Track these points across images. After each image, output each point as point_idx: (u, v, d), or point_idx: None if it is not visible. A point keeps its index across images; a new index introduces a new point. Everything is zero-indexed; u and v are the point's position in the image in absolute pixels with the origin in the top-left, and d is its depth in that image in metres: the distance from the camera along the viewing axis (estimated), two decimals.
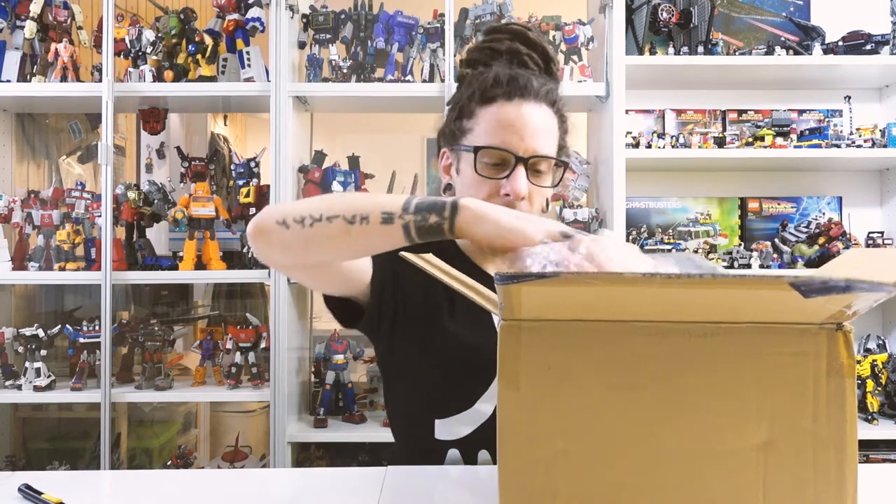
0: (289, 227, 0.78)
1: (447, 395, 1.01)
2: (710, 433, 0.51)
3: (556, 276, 0.46)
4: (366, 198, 0.78)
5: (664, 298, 0.48)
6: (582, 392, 0.52)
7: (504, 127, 0.97)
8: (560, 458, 0.51)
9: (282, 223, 0.79)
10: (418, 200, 0.74)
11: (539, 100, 1.00)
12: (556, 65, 1.09)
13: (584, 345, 0.52)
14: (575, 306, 0.51)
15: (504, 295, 0.49)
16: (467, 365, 1.00)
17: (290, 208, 0.80)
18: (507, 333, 0.52)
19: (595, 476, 0.51)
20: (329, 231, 0.77)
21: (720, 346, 0.51)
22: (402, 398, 1.09)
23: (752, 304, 0.49)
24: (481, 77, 1.02)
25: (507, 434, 0.52)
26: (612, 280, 0.48)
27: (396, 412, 1.11)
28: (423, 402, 1.04)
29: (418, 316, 1.02)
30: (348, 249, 0.81)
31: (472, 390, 0.99)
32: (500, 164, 0.98)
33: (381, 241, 0.76)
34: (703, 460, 0.51)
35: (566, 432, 0.51)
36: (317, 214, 0.77)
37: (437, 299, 1.02)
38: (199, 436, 2.73)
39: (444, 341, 1.01)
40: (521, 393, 0.52)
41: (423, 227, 0.72)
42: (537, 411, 0.51)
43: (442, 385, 1.02)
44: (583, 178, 2.07)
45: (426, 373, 1.03)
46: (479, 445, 1.00)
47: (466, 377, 1.00)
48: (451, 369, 1.01)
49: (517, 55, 1.05)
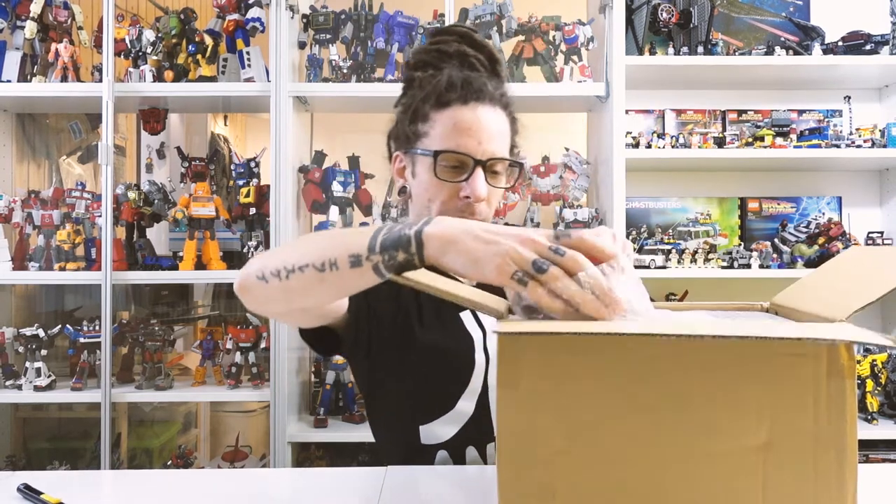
0: (267, 281, 0.77)
1: (428, 402, 1.03)
2: (710, 434, 0.51)
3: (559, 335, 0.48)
4: (333, 240, 0.73)
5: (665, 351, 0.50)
6: (581, 392, 0.52)
7: (461, 131, 0.99)
8: (559, 458, 0.51)
9: (261, 278, 0.78)
10: (384, 236, 0.67)
11: (493, 103, 1.02)
12: (500, 66, 1.11)
13: (583, 345, 0.52)
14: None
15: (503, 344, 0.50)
16: (443, 369, 1.02)
17: (268, 261, 0.78)
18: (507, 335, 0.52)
19: (594, 476, 0.51)
20: (304, 281, 0.74)
21: (720, 347, 0.51)
22: (385, 411, 1.11)
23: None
24: (434, 80, 1.03)
25: (507, 434, 0.52)
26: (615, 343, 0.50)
27: (380, 426, 1.14)
28: (405, 412, 1.06)
29: (392, 333, 1.04)
30: (328, 295, 0.77)
31: (451, 393, 1.02)
32: (458, 167, 1.00)
33: (356, 283, 0.72)
34: (702, 461, 0.51)
35: (565, 432, 0.51)
36: (290, 265, 0.75)
37: (406, 311, 1.05)
38: (199, 436, 2.73)
39: (417, 351, 1.03)
40: (521, 393, 0.51)
41: (393, 265, 0.66)
42: (536, 411, 0.51)
43: (421, 393, 1.04)
44: (583, 178, 2.07)
45: (405, 384, 1.05)
46: (465, 443, 1.02)
47: (444, 381, 1.02)
48: (428, 376, 1.03)
49: (465, 57, 1.07)
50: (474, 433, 1.03)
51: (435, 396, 1.03)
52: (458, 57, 1.06)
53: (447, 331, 1.04)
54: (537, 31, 2.06)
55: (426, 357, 1.03)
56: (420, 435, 1.04)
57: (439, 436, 1.03)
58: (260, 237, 2.03)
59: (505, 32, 2.05)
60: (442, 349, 1.03)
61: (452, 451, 1.03)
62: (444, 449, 1.03)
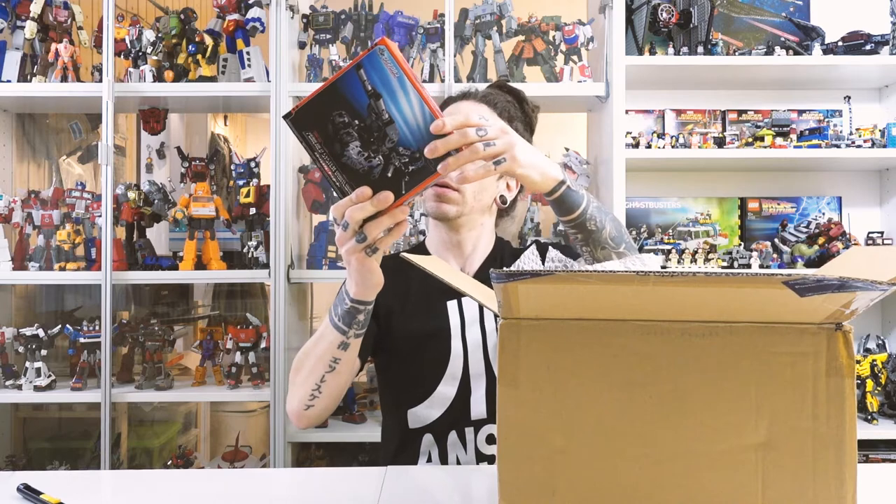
0: (313, 405, 0.99)
1: (411, 386, 1.13)
2: (708, 432, 0.51)
3: (552, 274, 0.47)
4: (320, 343, 0.94)
5: (660, 297, 0.48)
6: (581, 391, 0.52)
7: None
8: (559, 456, 0.52)
9: (309, 407, 0.99)
10: (338, 315, 0.90)
11: (477, 99, 1.14)
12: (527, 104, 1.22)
13: (583, 344, 0.52)
14: (573, 305, 0.51)
15: (502, 293, 0.50)
16: (420, 354, 1.12)
17: (298, 391, 0.99)
18: (506, 332, 0.52)
19: (594, 474, 0.52)
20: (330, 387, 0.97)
21: (719, 346, 0.51)
22: (383, 399, 1.23)
23: (750, 303, 0.49)
24: None
25: (507, 432, 0.52)
26: (607, 279, 0.48)
27: (384, 416, 1.25)
28: (395, 397, 1.18)
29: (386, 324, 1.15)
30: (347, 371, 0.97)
31: (429, 377, 1.11)
32: None
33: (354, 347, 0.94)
34: (701, 459, 0.51)
35: (565, 430, 0.52)
36: (313, 385, 0.97)
37: (394, 302, 1.15)
38: (199, 436, 2.73)
39: (398, 339, 1.14)
40: (521, 391, 0.52)
41: (357, 323, 0.89)
42: (536, 409, 0.52)
43: (404, 377, 1.15)
44: (583, 178, 2.07)
45: (391, 370, 1.17)
46: (449, 427, 1.11)
47: (422, 366, 1.12)
48: (408, 362, 1.14)
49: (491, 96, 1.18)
50: (457, 417, 1.11)
51: (416, 381, 1.13)
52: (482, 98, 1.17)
53: (427, 319, 1.13)
54: (537, 31, 2.06)
55: (405, 344, 1.13)
56: (409, 420, 1.13)
57: (424, 419, 1.12)
58: (260, 237, 2.03)
59: (505, 32, 2.05)
60: (418, 336, 1.13)
61: (436, 435, 1.11)
62: (429, 432, 1.12)
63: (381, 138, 0.72)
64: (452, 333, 1.12)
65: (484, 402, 1.10)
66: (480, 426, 1.11)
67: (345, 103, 0.72)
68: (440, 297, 1.13)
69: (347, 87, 0.72)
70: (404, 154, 0.72)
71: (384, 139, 0.72)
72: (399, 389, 1.16)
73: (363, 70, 0.71)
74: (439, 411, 1.11)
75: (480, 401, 1.10)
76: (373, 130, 0.72)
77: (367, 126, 0.72)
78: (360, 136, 0.72)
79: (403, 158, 0.73)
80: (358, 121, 0.72)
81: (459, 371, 1.11)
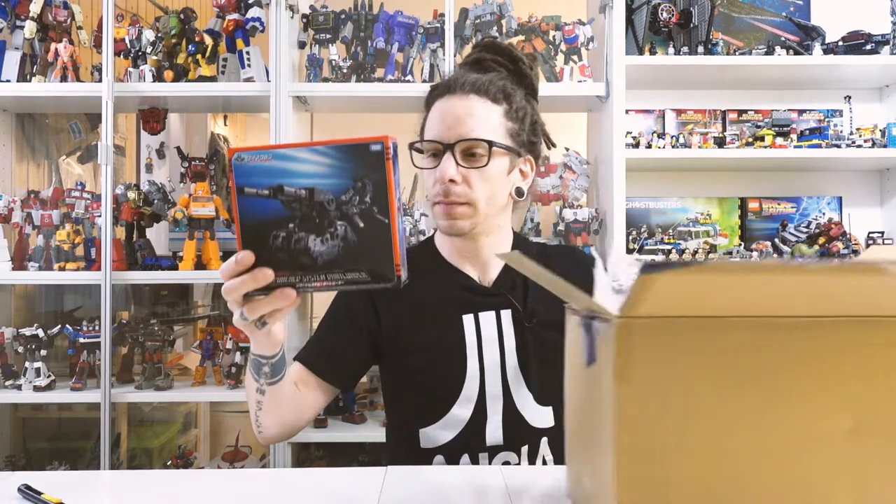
0: (262, 431, 1.00)
1: (424, 405, 1.07)
2: (812, 422, 0.54)
3: (702, 264, 0.50)
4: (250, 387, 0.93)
5: (778, 290, 0.53)
6: (691, 387, 0.54)
7: (435, 121, 1.05)
8: (672, 451, 0.54)
9: (260, 433, 1.00)
10: (249, 370, 0.90)
11: (466, 92, 1.03)
12: (523, 63, 1.12)
13: (692, 341, 0.54)
14: (703, 300, 0.53)
15: (639, 286, 0.51)
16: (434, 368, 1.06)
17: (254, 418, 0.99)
18: (622, 331, 0.54)
19: (706, 467, 0.54)
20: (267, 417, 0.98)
21: (823, 339, 0.54)
22: (391, 413, 1.18)
23: (861, 295, 0.53)
24: None
25: (622, 427, 0.54)
26: (751, 269, 0.53)
27: (390, 428, 1.20)
28: (405, 414, 1.11)
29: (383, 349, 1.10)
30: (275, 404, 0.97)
31: (444, 398, 1.05)
32: (436, 154, 1.04)
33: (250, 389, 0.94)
34: (804, 448, 0.54)
35: (677, 426, 0.54)
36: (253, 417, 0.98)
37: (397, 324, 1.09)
38: (199, 436, 2.73)
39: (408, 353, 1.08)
40: (633, 387, 0.54)
41: (267, 372, 0.88)
42: (649, 405, 0.54)
43: (417, 396, 1.08)
44: (583, 178, 2.07)
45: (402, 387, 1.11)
46: (461, 450, 1.05)
47: (435, 386, 1.06)
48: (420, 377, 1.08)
49: (481, 62, 1.11)
50: (470, 440, 1.05)
51: (429, 400, 1.07)
52: (473, 63, 1.12)
53: (443, 330, 1.07)
54: (537, 30, 2.06)
55: (419, 355, 1.07)
56: (420, 439, 1.07)
57: (435, 440, 1.06)
58: None
59: (505, 32, 2.05)
60: (433, 348, 1.06)
61: (448, 456, 1.05)
62: (440, 454, 1.06)
63: (322, 212, 0.65)
64: (468, 351, 1.05)
65: (501, 429, 1.04)
66: (496, 452, 1.05)
67: (267, 223, 0.66)
68: (456, 309, 1.07)
69: (252, 210, 0.66)
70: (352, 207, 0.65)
71: (324, 211, 0.65)
72: (411, 407, 1.10)
73: (244, 187, 0.65)
74: (452, 433, 1.05)
75: (497, 427, 1.04)
76: (310, 214, 0.65)
77: (302, 216, 0.65)
78: (305, 227, 0.65)
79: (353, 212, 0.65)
80: (290, 223, 0.66)
81: (475, 394, 1.04)
